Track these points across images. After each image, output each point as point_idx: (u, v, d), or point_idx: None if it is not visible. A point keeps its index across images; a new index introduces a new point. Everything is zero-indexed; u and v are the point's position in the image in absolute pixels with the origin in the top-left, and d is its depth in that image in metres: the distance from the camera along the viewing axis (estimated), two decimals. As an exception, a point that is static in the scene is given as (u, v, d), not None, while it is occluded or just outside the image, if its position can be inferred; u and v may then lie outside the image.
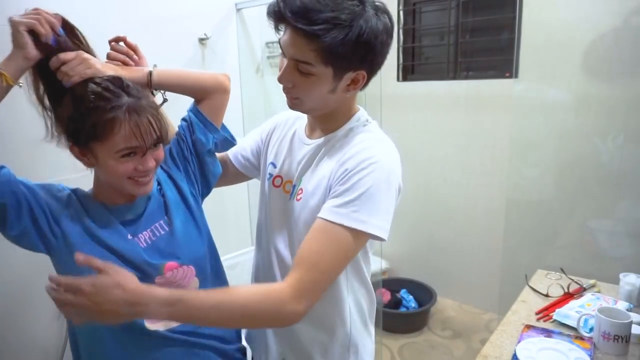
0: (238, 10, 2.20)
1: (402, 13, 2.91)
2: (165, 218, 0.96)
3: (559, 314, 1.36)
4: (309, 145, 0.96)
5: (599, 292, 1.53)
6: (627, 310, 1.26)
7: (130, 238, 0.91)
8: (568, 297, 1.49)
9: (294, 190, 0.95)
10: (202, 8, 2.04)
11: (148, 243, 0.92)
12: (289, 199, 0.96)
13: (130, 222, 0.93)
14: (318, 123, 0.97)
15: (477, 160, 2.70)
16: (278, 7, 0.79)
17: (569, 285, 1.54)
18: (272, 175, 1.02)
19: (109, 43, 1.00)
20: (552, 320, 1.37)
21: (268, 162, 1.05)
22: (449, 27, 2.76)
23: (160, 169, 1.00)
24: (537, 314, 1.41)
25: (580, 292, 1.53)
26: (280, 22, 0.81)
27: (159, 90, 0.99)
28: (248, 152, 1.12)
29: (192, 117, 1.01)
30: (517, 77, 2.25)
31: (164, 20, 1.88)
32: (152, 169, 0.87)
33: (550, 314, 1.39)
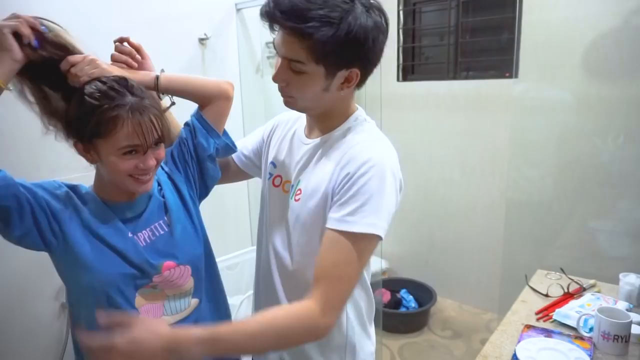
0: (238, 10, 2.20)
1: (402, 13, 2.91)
2: (165, 218, 0.98)
3: (559, 314, 1.36)
4: (308, 145, 0.96)
5: (599, 292, 1.53)
6: (627, 310, 1.27)
7: (131, 236, 0.92)
8: (568, 297, 1.49)
9: (293, 191, 0.95)
10: (202, 8, 2.04)
11: (147, 242, 0.94)
12: (288, 199, 0.96)
13: (130, 220, 0.94)
14: (316, 122, 0.97)
15: (477, 160, 2.70)
16: (269, 7, 0.81)
17: (569, 285, 1.54)
18: (272, 175, 1.02)
19: (114, 43, 1.02)
20: (552, 320, 1.37)
21: (269, 161, 1.05)
22: (449, 27, 2.76)
23: (161, 171, 1.02)
24: (537, 314, 1.41)
25: (580, 292, 1.53)
26: (272, 22, 0.82)
27: (167, 95, 1.02)
28: (249, 150, 1.14)
29: (194, 122, 1.04)
30: (517, 77, 2.25)
31: (164, 20, 1.88)
32: (152, 168, 0.89)
33: (550, 314, 1.39)
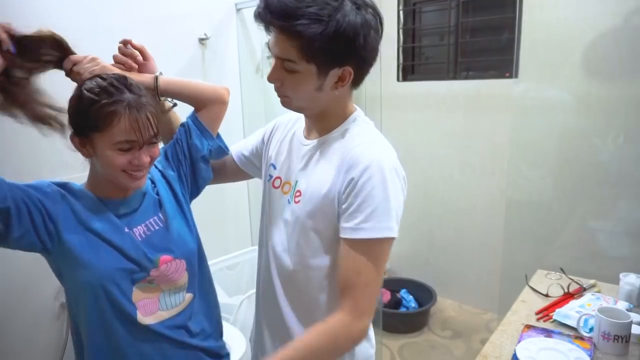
0: (238, 10, 2.20)
1: (402, 13, 2.91)
2: (160, 215, 1.00)
3: (559, 314, 1.36)
4: (307, 146, 0.96)
5: (599, 292, 1.53)
6: (627, 310, 1.27)
7: (127, 231, 0.93)
8: (568, 297, 1.49)
9: (292, 192, 0.95)
10: (202, 8, 2.04)
11: (142, 237, 0.95)
12: (288, 201, 0.95)
13: (125, 215, 0.95)
14: (313, 123, 0.97)
15: (477, 160, 2.70)
16: (260, 8, 0.82)
17: (569, 285, 1.54)
18: (272, 177, 1.02)
19: (118, 44, 1.03)
20: (552, 320, 1.37)
21: (269, 163, 1.05)
22: (449, 27, 2.76)
23: (155, 169, 1.04)
24: (537, 314, 1.41)
25: (580, 292, 1.53)
26: (264, 22, 0.83)
27: (166, 97, 1.05)
28: (249, 150, 1.15)
29: (190, 123, 1.07)
30: (517, 77, 2.24)
31: (164, 20, 1.88)
32: (146, 165, 0.91)
33: (550, 314, 1.39)
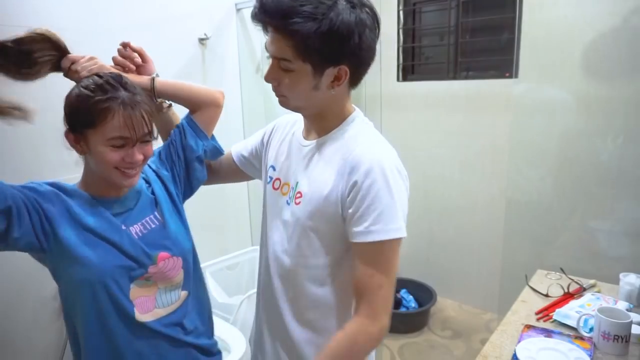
0: (238, 10, 2.20)
1: (402, 13, 2.91)
2: (156, 213, 1.01)
3: (559, 314, 1.36)
4: (306, 147, 0.96)
5: (599, 292, 1.53)
6: (627, 310, 1.27)
7: (124, 228, 0.94)
8: (568, 297, 1.49)
9: (293, 193, 0.94)
10: (202, 8, 2.04)
11: (139, 235, 0.95)
12: (287, 202, 0.95)
13: (121, 214, 0.95)
14: (312, 124, 0.97)
15: (477, 160, 2.70)
16: (256, 9, 0.82)
17: (569, 285, 1.54)
18: (272, 178, 1.02)
19: (118, 46, 1.05)
20: (552, 320, 1.37)
21: (268, 165, 1.05)
22: (449, 27, 2.76)
23: (149, 169, 1.05)
24: (537, 314, 1.41)
25: (580, 292, 1.53)
26: (260, 23, 0.84)
27: (162, 99, 1.07)
28: (248, 151, 1.15)
29: (185, 124, 1.08)
30: (517, 77, 2.24)
31: (164, 20, 1.88)
32: (139, 162, 0.91)
33: (550, 314, 1.39)
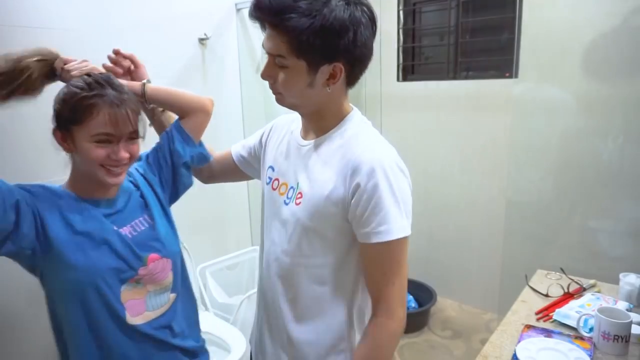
0: (238, 10, 2.20)
1: (402, 13, 2.91)
2: (145, 215, 1.02)
3: (559, 314, 1.36)
4: (304, 147, 0.96)
5: (599, 292, 1.53)
6: (627, 310, 1.27)
7: (115, 229, 0.94)
8: (568, 297, 1.49)
9: (293, 194, 0.94)
10: (202, 8, 2.04)
11: (129, 237, 0.96)
12: (285, 202, 0.95)
13: (110, 215, 0.96)
14: (309, 123, 0.96)
15: (477, 160, 2.70)
16: (252, 7, 0.83)
17: (569, 285, 1.54)
18: (271, 179, 1.02)
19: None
20: (552, 320, 1.37)
21: (267, 166, 1.05)
22: (449, 27, 2.76)
23: (137, 173, 1.07)
24: (537, 314, 1.41)
25: (580, 292, 1.53)
26: (256, 19, 0.84)
27: (152, 104, 1.09)
28: (247, 151, 1.16)
29: (173, 130, 1.10)
30: (517, 77, 2.24)
31: (164, 20, 1.88)
32: (124, 160, 0.92)
33: (550, 314, 1.39)
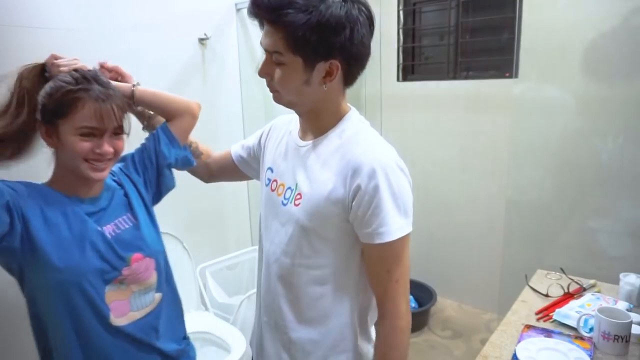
0: (238, 10, 2.20)
1: (402, 13, 2.91)
2: (129, 214, 1.02)
3: (559, 314, 1.36)
4: (303, 148, 0.95)
5: (599, 292, 1.53)
6: (627, 310, 1.27)
7: (98, 229, 0.94)
8: (568, 297, 1.49)
9: (291, 195, 0.94)
10: (202, 8, 2.04)
11: (112, 235, 0.96)
12: (283, 203, 0.95)
13: (94, 214, 0.96)
14: (307, 123, 0.96)
15: (477, 160, 2.70)
16: (250, 4, 0.84)
17: (569, 285, 1.54)
18: (270, 180, 1.02)
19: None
20: (552, 320, 1.37)
21: (266, 167, 1.04)
22: (449, 27, 2.76)
23: (122, 173, 1.08)
24: (537, 314, 1.41)
25: (580, 292, 1.53)
26: (255, 16, 0.85)
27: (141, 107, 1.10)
28: (246, 151, 1.17)
29: (160, 132, 1.10)
30: (517, 77, 2.24)
31: (164, 20, 1.87)
32: (108, 154, 0.92)
33: (550, 314, 1.39)
